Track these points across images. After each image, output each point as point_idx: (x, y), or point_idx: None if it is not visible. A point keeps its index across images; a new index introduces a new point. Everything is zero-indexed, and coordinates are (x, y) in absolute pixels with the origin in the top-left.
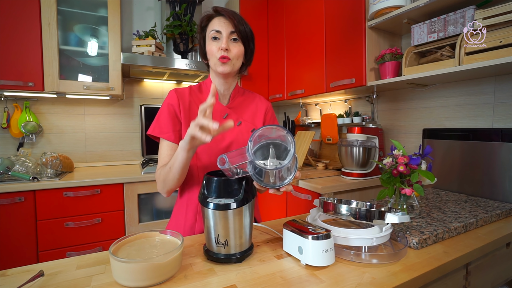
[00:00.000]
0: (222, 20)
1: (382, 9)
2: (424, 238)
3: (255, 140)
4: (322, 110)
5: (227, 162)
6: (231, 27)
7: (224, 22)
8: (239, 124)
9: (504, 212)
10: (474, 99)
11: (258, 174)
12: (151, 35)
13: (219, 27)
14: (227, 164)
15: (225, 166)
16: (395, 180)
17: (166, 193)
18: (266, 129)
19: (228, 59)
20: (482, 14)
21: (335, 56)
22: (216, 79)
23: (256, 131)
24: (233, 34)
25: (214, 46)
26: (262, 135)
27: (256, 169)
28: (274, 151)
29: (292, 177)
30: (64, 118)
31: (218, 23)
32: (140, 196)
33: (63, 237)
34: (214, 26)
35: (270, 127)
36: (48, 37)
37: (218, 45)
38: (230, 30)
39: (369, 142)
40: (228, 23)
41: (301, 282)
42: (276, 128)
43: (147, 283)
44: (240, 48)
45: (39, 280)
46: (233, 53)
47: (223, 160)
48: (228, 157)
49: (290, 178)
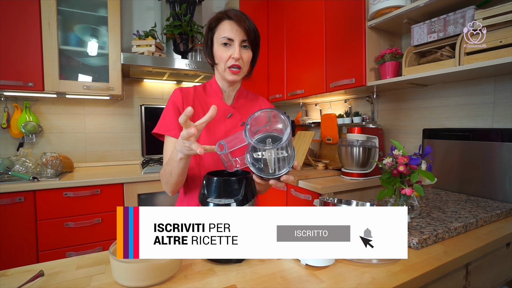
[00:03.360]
0: (234, 26)
1: (382, 9)
2: (424, 238)
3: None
4: (322, 110)
5: (226, 146)
6: (243, 34)
7: (237, 30)
8: (242, 124)
9: (504, 212)
10: (474, 99)
11: (258, 163)
12: (151, 35)
13: (231, 35)
14: (226, 148)
15: (224, 151)
16: (395, 180)
17: (171, 193)
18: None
19: (239, 69)
20: (482, 14)
21: (335, 56)
22: (221, 81)
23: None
24: (245, 42)
25: (224, 53)
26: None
27: (256, 157)
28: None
29: (291, 164)
30: (64, 118)
31: (230, 30)
32: (140, 196)
33: (63, 237)
34: (225, 31)
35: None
36: (48, 37)
37: (229, 53)
38: (243, 38)
39: (369, 142)
40: (241, 31)
41: (301, 282)
42: (271, 111)
43: (147, 283)
44: (249, 54)
45: (39, 280)
46: (244, 61)
47: (222, 145)
48: (226, 142)
49: (289, 166)
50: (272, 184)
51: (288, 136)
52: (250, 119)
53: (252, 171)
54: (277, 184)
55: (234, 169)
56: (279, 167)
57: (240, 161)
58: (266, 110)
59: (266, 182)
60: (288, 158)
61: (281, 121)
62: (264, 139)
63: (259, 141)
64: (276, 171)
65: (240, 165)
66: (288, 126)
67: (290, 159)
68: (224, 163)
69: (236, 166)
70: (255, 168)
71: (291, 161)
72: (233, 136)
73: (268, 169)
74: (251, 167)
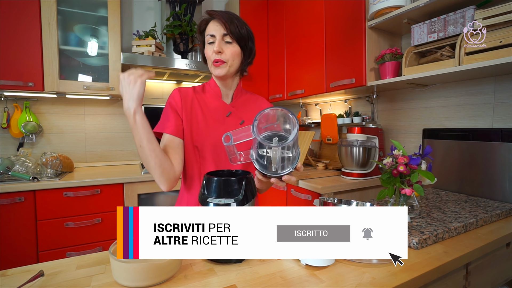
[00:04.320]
0: (215, 23)
1: (382, 9)
2: (424, 238)
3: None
4: (322, 110)
5: (232, 138)
6: (222, 29)
7: (217, 26)
8: (242, 123)
9: (504, 212)
10: (474, 99)
11: (262, 159)
12: (151, 35)
13: (213, 31)
14: (232, 140)
15: (230, 143)
16: (395, 180)
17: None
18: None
19: (221, 62)
20: (482, 14)
21: (335, 56)
22: (216, 80)
23: (262, 111)
24: (226, 37)
25: (209, 50)
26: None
27: (260, 154)
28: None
29: (295, 165)
30: (64, 118)
31: (212, 27)
32: (140, 196)
33: (63, 237)
34: (209, 30)
35: (275, 109)
36: (48, 37)
37: (212, 49)
38: (223, 33)
39: (369, 142)
40: (221, 26)
41: (301, 282)
42: (281, 109)
43: (147, 283)
44: (234, 49)
45: (39, 280)
46: (228, 55)
47: (228, 137)
48: (232, 134)
49: (293, 166)
50: (273, 182)
51: (295, 136)
52: (259, 115)
53: (256, 167)
54: (278, 183)
55: (237, 162)
56: (283, 167)
57: (245, 155)
58: (276, 108)
59: (267, 180)
60: (292, 159)
61: (289, 121)
62: (270, 137)
63: (266, 138)
64: (279, 170)
65: (244, 159)
66: (295, 126)
67: (294, 160)
68: (229, 155)
69: (240, 160)
70: (259, 164)
71: (295, 162)
72: (240, 130)
73: (271, 167)
74: (255, 163)
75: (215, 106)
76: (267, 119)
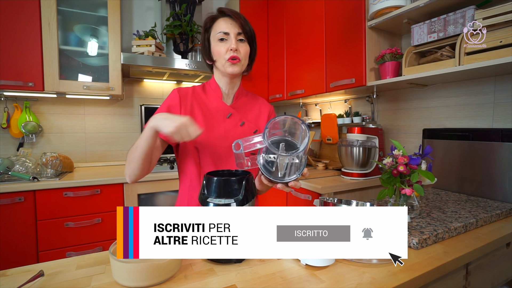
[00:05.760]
0: (228, 21)
1: (382, 9)
2: (424, 238)
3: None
4: (322, 110)
5: (242, 146)
6: (238, 28)
7: (231, 23)
8: (242, 124)
9: (504, 212)
10: (474, 99)
11: (269, 165)
12: (151, 35)
13: (226, 29)
14: (242, 148)
15: (240, 151)
16: (395, 180)
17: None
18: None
19: (238, 59)
20: (482, 14)
21: (335, 56)
22: (222, 79)
23: (273, 119)
24: (240, 35)
25: (222, 47)
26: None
27: (268, 160)
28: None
29: (301, 171)
30: (64, 118)
31: (224, 25)
32: (140, 196)
33: (63, 237)
34: (220, 27)
35: (287, 117)
36: (48, 37)
37: (226, 46)
38: (238, 31)
39: (369, 142)
40: (235, 24)
41: (301, 282)
42: (292, 118)
43: (147, 283)
44: (247, 48)
45: (39, 280)
46: (242, 53)
47: (239, 144)
48: (242, 141)
49: (299, 173)
50: (279, 187)
51: (305, 147)
52: (270, 123)
53: (262, 172)
54: (284, 188)
55: (245, 167)
56: (289, 173)
57: (252, 161)
58: (288, 116)
59: (272, 185)
60: (299, 165)
61: (300, 131)
62: (278, 143)
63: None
64: (286, 176)
65: (252, 164)
66: (307, 137)
67: (301, 167)
68: (236, 160)
69: (247, 165)
70: (266, 170)
71: (302, 169)
72: (251, 137)
73: (278, 173)
74: (262, 168)
75: (215, 107)
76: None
